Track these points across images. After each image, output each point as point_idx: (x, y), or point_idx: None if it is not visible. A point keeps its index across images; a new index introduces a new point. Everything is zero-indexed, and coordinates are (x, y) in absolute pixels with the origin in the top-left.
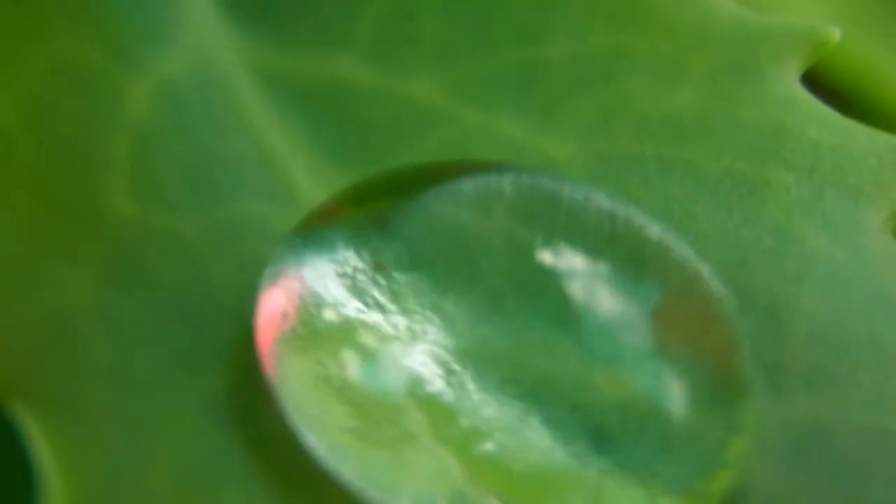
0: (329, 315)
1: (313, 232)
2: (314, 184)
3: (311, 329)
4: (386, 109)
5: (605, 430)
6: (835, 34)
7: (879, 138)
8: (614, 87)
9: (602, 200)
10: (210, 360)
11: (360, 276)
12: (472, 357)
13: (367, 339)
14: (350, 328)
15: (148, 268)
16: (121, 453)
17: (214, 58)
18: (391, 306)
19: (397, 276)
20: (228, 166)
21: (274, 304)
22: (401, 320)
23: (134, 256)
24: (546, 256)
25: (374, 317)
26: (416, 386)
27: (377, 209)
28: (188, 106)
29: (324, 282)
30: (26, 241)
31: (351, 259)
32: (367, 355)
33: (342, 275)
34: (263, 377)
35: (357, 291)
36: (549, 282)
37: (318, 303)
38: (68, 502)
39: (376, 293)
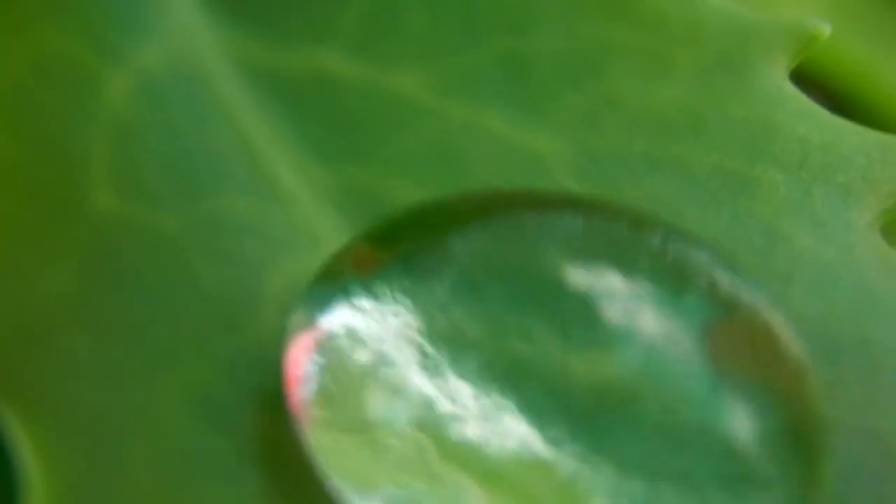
0: (355, 364)
1: (343, 278)
2: (297, 178)
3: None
4: (370, 104)
5: (580, 414)
6: (824, 30)
7: (869, 136)
8: (602, 82)
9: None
10: (191, 356)
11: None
12: (449, 342)
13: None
14: (374, 371)
15: (129, 262)
16: (102, 449)
17: (196, 50)
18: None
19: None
20: (210, 160)
21: (302, 351)
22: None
23: (114, 250)
24: (525, 239)
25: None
26: (392, 373)
27: (405, 255)
28: (169, 99)
29: (352, 333)
30: (4, 235)
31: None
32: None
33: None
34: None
35: (383, 339)
36: (527, 263)
37: (347, 354)
38: (50, 497)
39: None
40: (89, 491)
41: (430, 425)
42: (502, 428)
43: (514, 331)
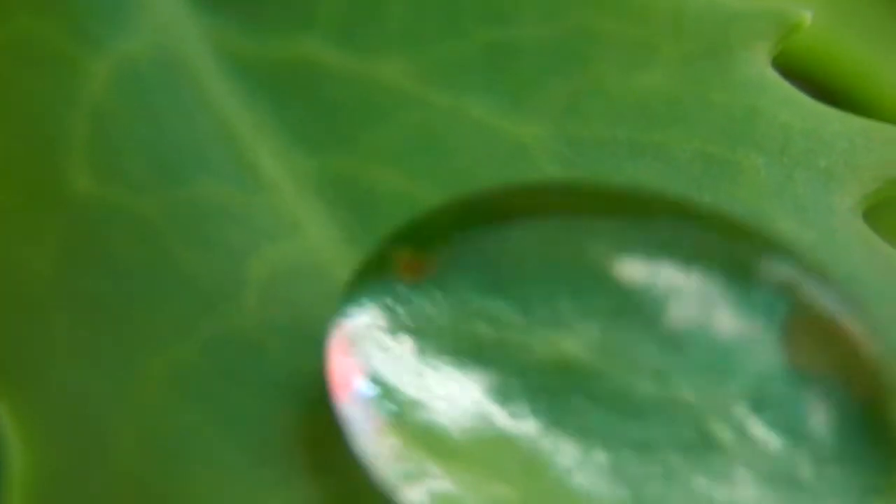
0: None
1: (395, 284)
2: (279, 166)
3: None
4: (353, 92)
5: (541, 390)
6: (805, 17)
7: (851, 122)
8: (585, 70)
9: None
10: (173, 338)
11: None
12: (411, 329)
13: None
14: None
15: (109, 245)
16: (86, 429)
17: (177, 39)
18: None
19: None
20: (191, 148)
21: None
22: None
23: (93, 233)
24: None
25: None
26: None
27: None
28: (149, 87)
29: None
30: None
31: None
32: None
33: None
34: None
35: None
36: (487, 248)
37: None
38: (32, 476)
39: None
40: (73, 470)
41: (391, 412)
42: (465, 406)
43: (478, 314)
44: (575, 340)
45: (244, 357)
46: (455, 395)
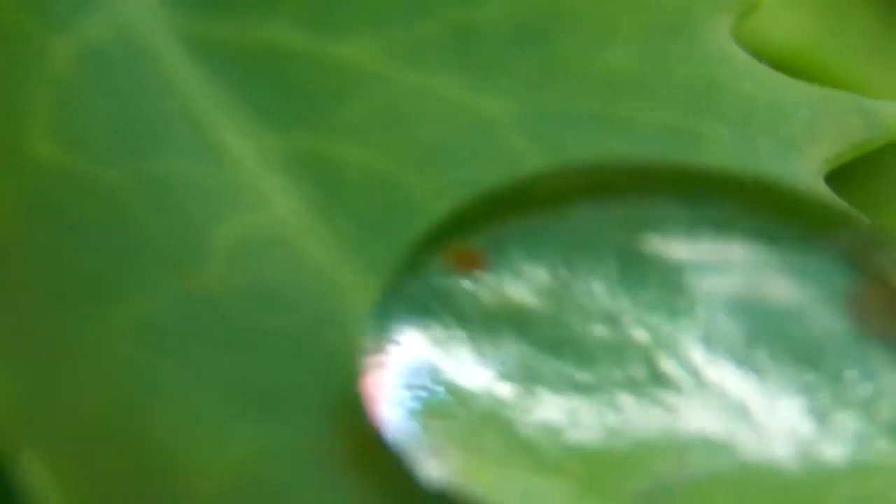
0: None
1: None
2: (243, 144)
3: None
4: (318, 72)
5: (485, 339)
6: None
7: (812, 91)
8: (549, 47)
9: None
10: (138, 293)
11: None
12: None
13: None
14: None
15: (73, 208)
16: (50, 370)
17: (141, 24)
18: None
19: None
20: (154, 127)
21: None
22: None
23: (58, 197)
24: None
25: None
26: None
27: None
28: (113, 68)
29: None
30: None
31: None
32: None
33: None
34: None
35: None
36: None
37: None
38: None
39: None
40: (37, 405)
41: None
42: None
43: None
44: (523, 287)
45: (210, 316)
46: (407, 351)
